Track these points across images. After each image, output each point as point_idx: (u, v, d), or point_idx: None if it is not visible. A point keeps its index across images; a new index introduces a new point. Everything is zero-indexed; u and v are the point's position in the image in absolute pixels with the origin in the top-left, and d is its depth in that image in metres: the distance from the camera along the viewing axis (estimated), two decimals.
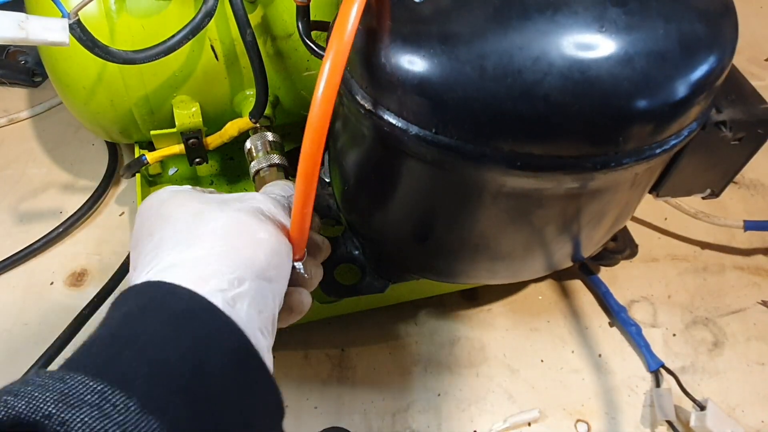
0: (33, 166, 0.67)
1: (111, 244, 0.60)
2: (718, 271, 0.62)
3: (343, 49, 0.28)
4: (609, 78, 0.28)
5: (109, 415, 0.21)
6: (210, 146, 0.52)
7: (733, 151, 0.39)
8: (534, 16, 0.28)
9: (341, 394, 0.52)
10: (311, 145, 0.29)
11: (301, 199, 0.31)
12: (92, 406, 0.21)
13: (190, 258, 0.29)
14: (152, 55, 0.42)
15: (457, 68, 0.29)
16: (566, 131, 0.29)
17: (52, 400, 0.21)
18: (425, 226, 0.40)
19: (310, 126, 0.28)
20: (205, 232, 0.30)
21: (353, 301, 0.50)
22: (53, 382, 0.22)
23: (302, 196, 0.30)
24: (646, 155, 0.32)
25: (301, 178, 0.30)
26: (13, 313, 0.56)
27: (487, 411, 0.51)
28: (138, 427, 0.21)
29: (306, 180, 0.30)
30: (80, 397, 0.21)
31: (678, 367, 0.54)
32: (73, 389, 0.22)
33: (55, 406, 0.21)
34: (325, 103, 0.28)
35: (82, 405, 0.21)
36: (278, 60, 0.50)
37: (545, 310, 0.58)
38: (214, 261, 0.29)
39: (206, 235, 0.30)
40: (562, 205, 0.35)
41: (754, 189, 0.69)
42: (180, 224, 0.31)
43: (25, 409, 0.21)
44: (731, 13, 0.33)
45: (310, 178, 0.30)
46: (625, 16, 0.29)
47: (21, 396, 0.21)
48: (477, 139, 0.30)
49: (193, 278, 0.27)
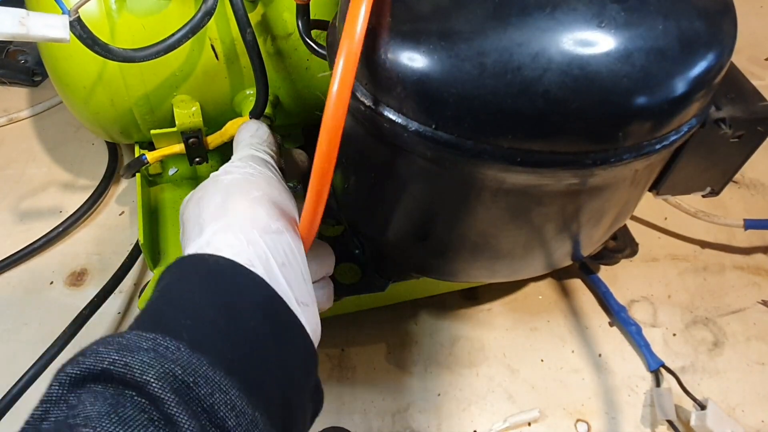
0: (33, 165, 0.67)
1: (111, 244, 0.60)
2: (718, 270, 0.62)
3: (354, 49, 0.28)
4: (608, 74, 0.28)
5: (163, 355, 0.24)
6: (210, 146, 0.52)
7: (733, 149, 0.39)
8: (533, 13, 0.29)
9: (341, 394, 0.52)
10: (327, 146, 0.30)
11: (314, 198, 0.32)
12: (148, 350, 0.25)
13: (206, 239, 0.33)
14: (152, 54, 0.42)
15: (457, 65, 0.29)
16: (566, 127, 0.29)
17: (114, 351, 0.24)
18: (425, 224, 0.40)
19: (324, 127, 0.29)
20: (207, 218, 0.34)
21: (353, 301, 0.50)
22: (113, 339, 0.25)
23: (315, 196, 0.31)
24: (645, 151, 0.32)
25: (315, 178, 0.31)
26: (13, 313, 0.56)
27: (487, 411, 0.51)
28: (190, 363, 0.25)
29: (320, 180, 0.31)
30: (137, 344, 0.25)
31: (678, 366, 0.54)
32: (129, 341, 0.25)
33: (117, 354, 0.24)
34: (340, 103, 0.29)
35: (139, 350, 0.24)
36: (278, 59, 0.50)
37: (545, 310, 0.58)
38: (222, 234, 0.32)
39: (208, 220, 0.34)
40: (562, 202, 0.35)
41: (754, 188, 0.69)
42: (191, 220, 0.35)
43: (93, 362, 0.24)
44: (730, 10, 0.33)
45: (324, 177, 0.31)
46: (625, 13, 0.29)
47: (88, 354, 0.25)
48: (476, 136, 0.30)
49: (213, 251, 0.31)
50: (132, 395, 0.23)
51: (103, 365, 0.24)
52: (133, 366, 0.24)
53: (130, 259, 0.57)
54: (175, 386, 0.24)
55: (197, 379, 0.24)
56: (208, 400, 0.24)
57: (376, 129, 0.34)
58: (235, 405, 0.25)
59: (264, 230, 0.33)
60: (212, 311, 0.28)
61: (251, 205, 0.34)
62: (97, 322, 0.52)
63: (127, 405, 0.23)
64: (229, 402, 0.25)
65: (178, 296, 0.29)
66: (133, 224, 0.62)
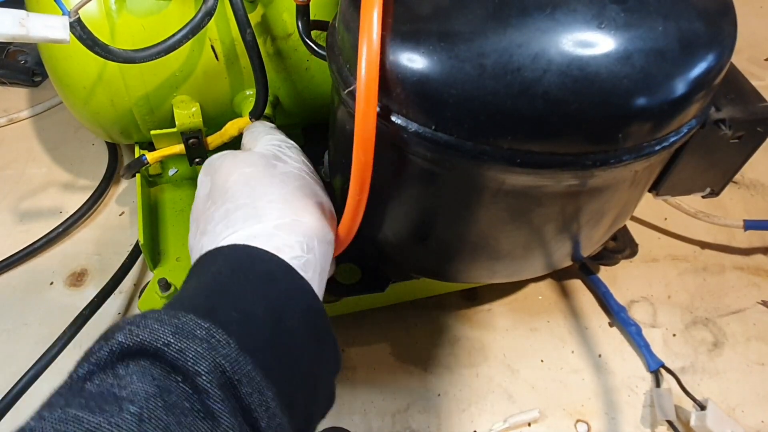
0: (33, 165, 0.67)
1: (111, 244, 0.60)
2: (718, 271, 0.62)
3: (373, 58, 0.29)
4: (608, 75, 0.28)
5: (215, 348, 0.25)
6: (210, 146, 0.52)
7: (733, 150, 0.39)
8: (533, 14, 0.29)
9: (341, 394, 0.51)
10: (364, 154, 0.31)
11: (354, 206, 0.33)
12: (202, 339, 0.25)
13: (266, 230, 0.33)
14: (152, 54, 0.42)
15: (457, 66, 0.29)
16: (565, 128, 0.29)
17: (170, 332, 0.25)
18: (425, 224, 0.40)
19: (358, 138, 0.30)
20: (267, 205, 0.35)
21: (353, 301, 0.50)
22: (169, 318, 0.25)
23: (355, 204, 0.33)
24: (645, 152, 0.32)
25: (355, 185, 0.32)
26: (13, 313, 0.56)
27: (487, 411, 0.51)
28: (237, 361, 0.25)
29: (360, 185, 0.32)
30: (192, 331, 0.25)
31: (678, 367, 0.54)
32: (185, 325, 0.25)
33: (173, 337, 0.24)
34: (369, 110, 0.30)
35: (194, 338, 0.25)
36: (278, 60, 0.50)
37: (545, 310, 0.58)
38: (285, 232, 0.33)
39: (269, 209, 0.34)
40: (562, 203, 0.35)
41: (754, 189, 0.69)
42: (241, 198, 0.35)
43: (148, 338, 0.24)
44: (730, 11, 0.33)
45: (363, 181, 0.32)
46: (624, 14, 0.29)
47: (143, 327, 0.25)
48: (476, 137, 0.30)
49: (272, 247, 0.32)
50: (178, 381, 0.24)
51: (158, 344, 0.24)
52: (187, 353, 0.24)
53: (130, 259, 0.57)
54: (222, 381, 0.24)
55: (242, 377, 0.25)
56: (247, 399, 0.25)
57: (376, 130, 0.33)
58: (269, 407, 0.25)
59: (322, 239, 0.34)
60: (261, 311, 0.29)
61: (316, 210, 0.35)
62: (97, 322, 0.52)
63: (173, 390, 0.23)
64: (264, 403, 0.25)
65: (232, 289, 0.30)
66: (133, 224, 0.62)
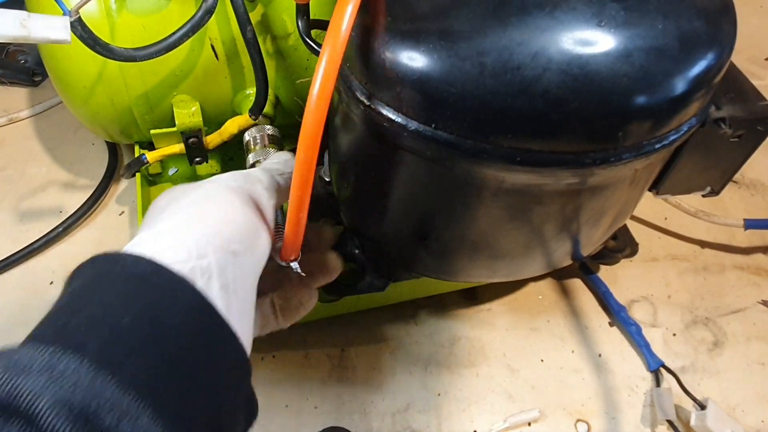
0: (33, 165, 0.67)
1: (111, 244, 0.60)
2: (718, 270, 0.62)
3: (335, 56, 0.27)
4: (608, 73, 0.28)
5: (60, 377, 0.21)
6: (210, 145, 0.52)
7: (733, 149, 0.39)
8: (533, 12, 0.29)
9: (341, 394, 0.52)
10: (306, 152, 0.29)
11: (296, 203, 0.31)
12: (41, 371, 0.21)
13: (153, 233, 0.29)
14: (152, 53, 0.42)
15: (457, 64, 0.29)
16: (565, 127, 0.29)
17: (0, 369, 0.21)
18: (425, 223, 0.40)
19: (304, 133, 0.28)
20: (174, 208, 0.30)
21: (353, 301, 0.50)
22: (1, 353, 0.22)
23: (297, 201, 0.31)
24: (645, 151, 0.32)
25: (296, 184, 0.30)
26: (13, 313, 0.55)
27: (487, 411, 0.51)
28: (92, 384, 0.21)
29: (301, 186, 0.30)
30: (29, 364, 0.21)
31: (678, 366, 0.54)
32: (21, 358, 0.22)
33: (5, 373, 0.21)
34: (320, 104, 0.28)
35: (30, 372, 0.21)
36: (278, 59, 0.50)
37: (545, 310, 0.58)
38: (174, 233, 0.28)
39: (174, 212, 0.30)
40: (562, 202, 0.35)
41: (754, 188, 0.69)
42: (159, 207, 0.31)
43: None
44: (730, 10, 0.33)
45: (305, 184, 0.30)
46: (624, 12, 0.29)
47: None
48: (476, 135, 0.30)
49: (152, 251, 0.27)
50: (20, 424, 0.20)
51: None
52: (22, 391, 0.20)
53: None
54: (72, 416, 0.20)
55: (100, 406, 0.21)
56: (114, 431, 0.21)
57: (376, 128, 0.33)
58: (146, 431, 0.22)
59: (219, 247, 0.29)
60: (129, 319, 0.24)
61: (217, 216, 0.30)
62: None
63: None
64: (138, 430, 0.22)
65: (90, 299, 0.25)
66: (133, 224, 0.62)
